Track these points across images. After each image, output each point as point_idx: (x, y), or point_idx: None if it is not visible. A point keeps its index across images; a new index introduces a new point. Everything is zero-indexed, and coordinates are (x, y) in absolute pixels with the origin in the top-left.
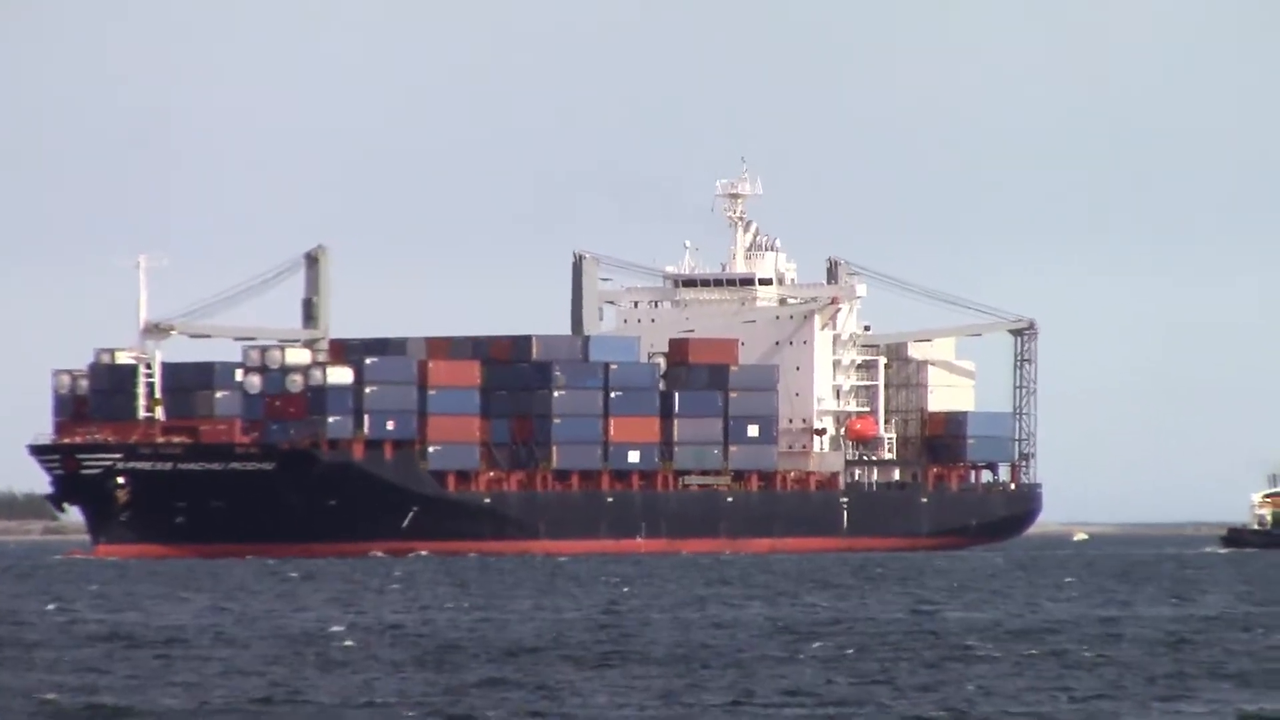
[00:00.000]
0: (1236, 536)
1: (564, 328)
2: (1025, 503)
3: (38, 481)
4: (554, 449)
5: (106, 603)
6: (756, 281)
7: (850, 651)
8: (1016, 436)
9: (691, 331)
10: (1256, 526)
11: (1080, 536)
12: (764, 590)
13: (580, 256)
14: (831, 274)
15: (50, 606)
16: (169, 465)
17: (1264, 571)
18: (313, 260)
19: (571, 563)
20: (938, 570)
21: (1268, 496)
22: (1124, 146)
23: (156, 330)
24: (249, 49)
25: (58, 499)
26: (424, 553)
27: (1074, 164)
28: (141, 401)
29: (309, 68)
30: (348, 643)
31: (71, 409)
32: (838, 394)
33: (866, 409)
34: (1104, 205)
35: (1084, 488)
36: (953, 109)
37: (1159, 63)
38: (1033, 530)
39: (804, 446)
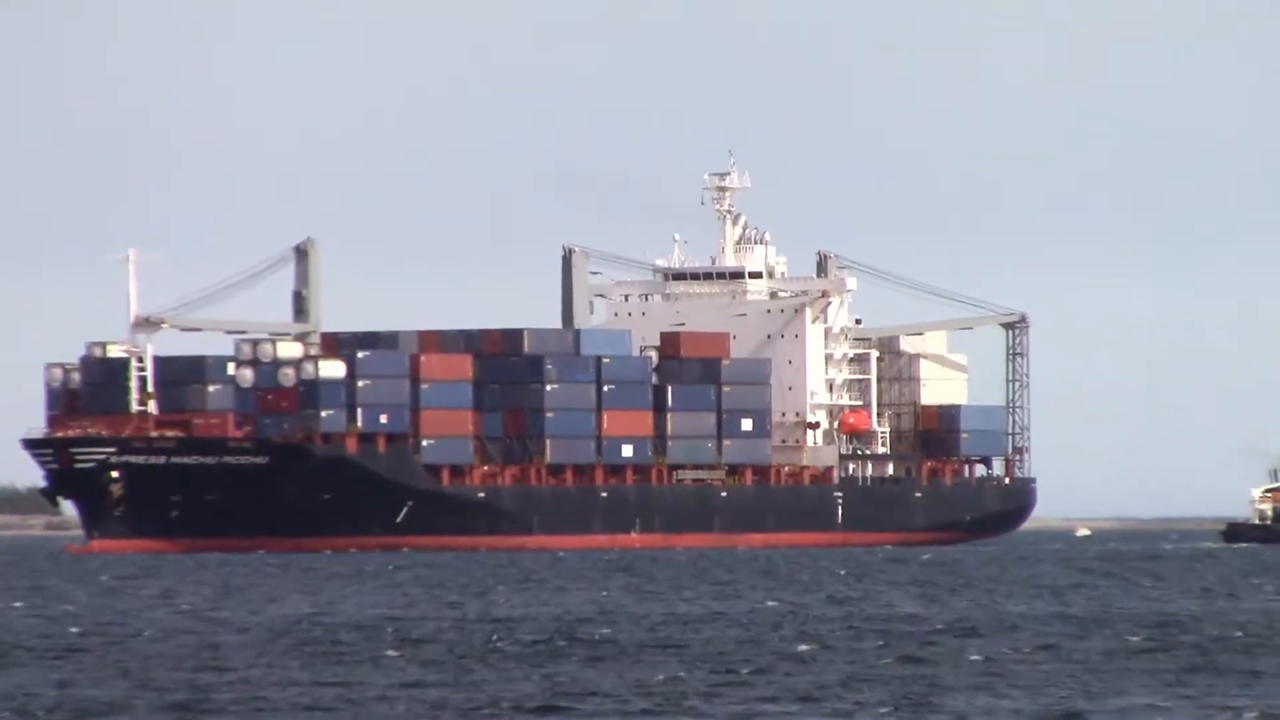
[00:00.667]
0: (1236, 531)
1: (554, 322)
2: (1020, 497)
3: (39, 475)
4: (547, 443)
5: (75, 598)
6: (746, 275)
7: (804, 648)
8: (1010, 430)
9: (682, 325)
10: (1257, 521)
11: (1083, 532)
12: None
13: (569, 250)
14: (821, 267)
15: (18, 604)
16: (162, 459)
17: (1245, 566)
18: (302, 254)
19: (551, 557)
20: (923, 565)
21: (1268, 492)
22: (1116, 141)
23: (147, 324)
24: (240, 44)
25: (51, 493)
26: (404, 550)
27: (1065, 157)
28: (134, 395)
29: (299, 62)
30: (311, 637)
31: (64, 403)
32: (830, 388)
33: (859, 403)
34: (1095, 198)
35: (1084, 483)
36: (943, 103)
37: (1155, 60)
38: (1034, 525)
39: (797, 440)
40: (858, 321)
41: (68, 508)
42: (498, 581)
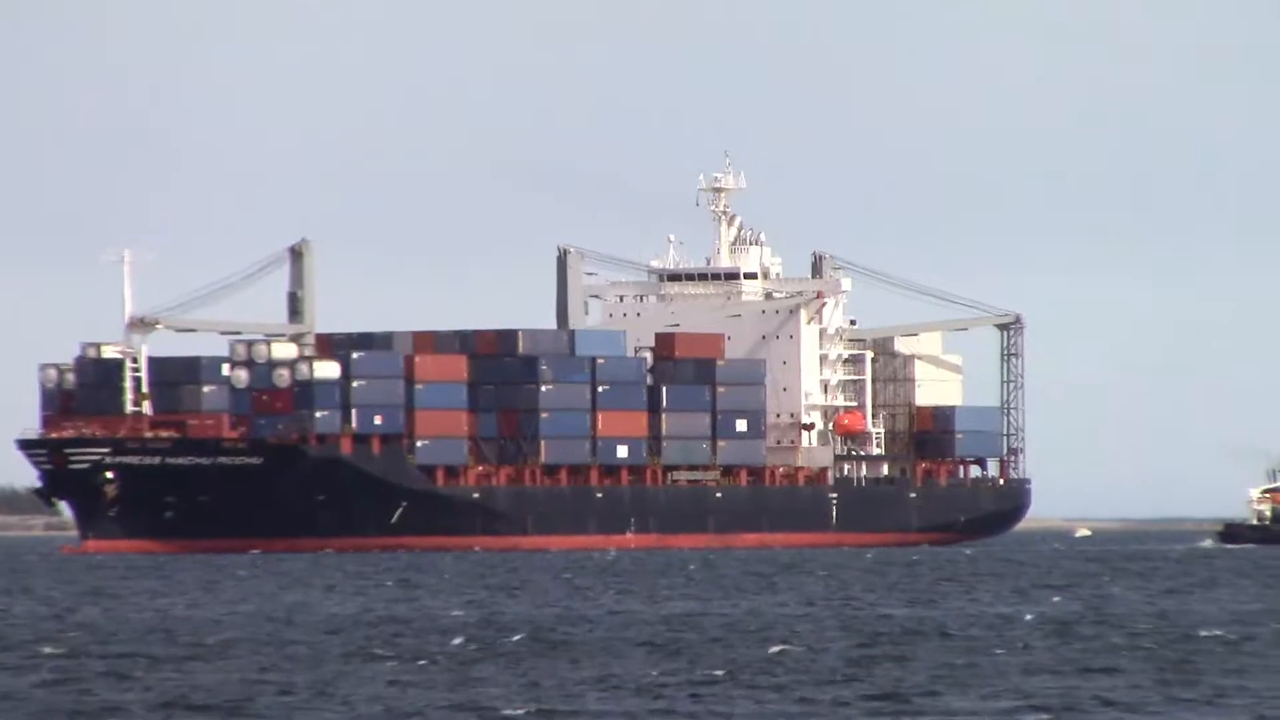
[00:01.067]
0: (1233, 532)
1: (549, 322)
2: (1014, 498)
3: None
4: (542, 444)
5: (56, 599)
6: (741, 275)
7: (780, 648)
8: (1005, 432)
9: (677, 326)
10: (1255, 522)
11: (1083, 532)
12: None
13: (565, 251)
14: (816, 268)
15: None
16: (157, 460)
17: (1234, 566)
18: (297, 255)
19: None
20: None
21: (1266, 492)
22: (1112, 141)
23: (142, 324)
24: (236, 44)
25: (46, 493)
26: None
27: (1060, 158)
28: (128, 396)
29: (295, 63)
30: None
31: (58, 403)
32: (825, 388)
33: (854, 404)
34: (1090, 199)
35: (1082, 484)
36: (939, 104)
37: (1155, 60)
38: (1035, 526)
39: (792, 441)
40: (852, 322)
41: (65, 508)
42: (481, 582)
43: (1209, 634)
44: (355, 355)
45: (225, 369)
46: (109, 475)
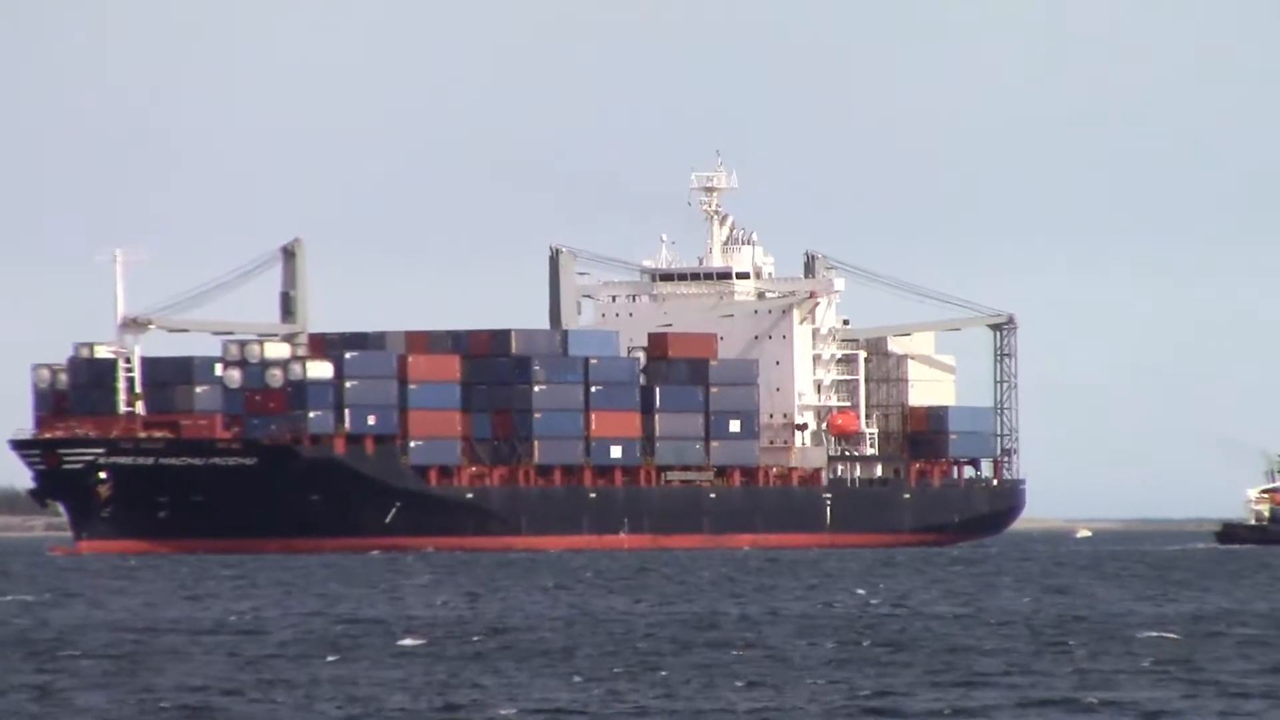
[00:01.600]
0: (1231, 532)
1: (541, 322)
2: (1008, 499)
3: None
4: (535, 444)
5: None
6: (734, 275)
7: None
8: (998, 432)
9: (669, 326)
10: (1253, 522)
11: (1083, 533)
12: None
13: (557, 250)
14: (809, 268)
15: None
16: (150, 460)
17: (1208, 567)
18: (289, 254)
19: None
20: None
21: (1264, 492)
22: (1105, 141)
23: (134, 325)
24: (229, 45)
25: (40, 494)
26: (376, 552)
27: (1053, 158)
28: (121, 396)
29: (288, 63)
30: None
31: (52, 404)
32: (818, 389)
33: (848, 404)
34: (1083, 198)
35: (1079, 485)
36: (931, 103)
37: (1145, 60)
38: (1033, 526)
39: (785, 442)
40: (845, 322)
41: (62, 509)
42: (456, 582)
43: (1151, 635)
44: (348, 355)
45: (218, 369)
46: (102, 475)
